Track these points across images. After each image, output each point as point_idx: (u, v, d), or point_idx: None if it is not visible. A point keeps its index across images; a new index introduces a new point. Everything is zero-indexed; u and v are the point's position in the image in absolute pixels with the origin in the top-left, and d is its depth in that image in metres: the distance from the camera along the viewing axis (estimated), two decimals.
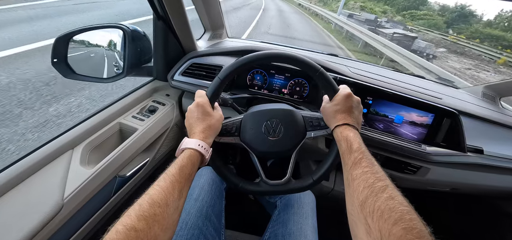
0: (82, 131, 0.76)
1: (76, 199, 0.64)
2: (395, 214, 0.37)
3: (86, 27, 0.86)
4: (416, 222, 0.36)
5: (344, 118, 0.60)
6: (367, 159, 0.50)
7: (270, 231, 0.83)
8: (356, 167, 0.49)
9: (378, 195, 0.42)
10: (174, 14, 0.88)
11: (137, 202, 0.41)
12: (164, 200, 0.42)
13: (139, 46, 0.93)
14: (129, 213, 0.38)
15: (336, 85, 0.64)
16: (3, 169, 0.60)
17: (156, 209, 0.40)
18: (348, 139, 0.55)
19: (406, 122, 0.93)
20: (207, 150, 0.57)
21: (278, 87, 1.07)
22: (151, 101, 1.02)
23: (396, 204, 0.39)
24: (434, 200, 1.54)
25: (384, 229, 0.37)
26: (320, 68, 0.63)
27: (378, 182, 0.44)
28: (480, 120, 0.99)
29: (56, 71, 0.83)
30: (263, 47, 1.29)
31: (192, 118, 0.61)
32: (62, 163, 0.67)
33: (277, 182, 0.67)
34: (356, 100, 0.63)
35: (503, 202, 1.26)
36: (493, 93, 1.25)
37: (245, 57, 0.63)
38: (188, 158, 0.52)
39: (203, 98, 0.62)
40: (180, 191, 0.47)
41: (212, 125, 0.61)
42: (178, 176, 0.47)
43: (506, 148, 0.95)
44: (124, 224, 0.36)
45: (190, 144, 0.54)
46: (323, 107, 0.67)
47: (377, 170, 0.47)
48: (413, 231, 0.35)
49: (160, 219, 0.40)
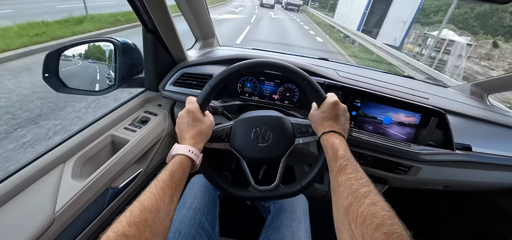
0: (74, 144, 0.76)
1: (67, 212, 0.64)
2: (376, 219, 0.39)
3: (77, 41, 0.88)
4: (397, 226, 0.37)
5: (330, 125, 0.61)
6: (352, 165, 0.51)
7: (263, 236, 0.84)
8: (341, 174, 0.51)
9: (361, 201, 0.43)
10: (163, 26, 0.89)
11: (128, 209, 0.41)
12: (154, 206, 0.43)
13: (130, 58, 0.94)
14: (120, 220, 0.39)
15: (324, 93, 0.66)
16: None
17: (147, 214, 0.41)
18: (334, 146, 0.56)
19: (394, 122, 0.94)
20: (198, 155, 0.58)
21: (269, 94, 1.09)
22: (143, 112, 1.02)
23: (378, 209, 0.40)
24: (429, 198, 1.55)
25: (366, 234, 0.38)
26: (308, 76, 0.65)
27: (362, 188, 0.45)
28: (468, 118, 1.01)
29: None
30: (254, 54, 1.30)
31: (182, 124, 0.62)
32: (53, 177, 0.68)
33: (266, 187, 0.68)
34: (343, 108, 0.65)
35: (494, 197, 1.28)
36: (480, 90, 1.27)
37: (234, 65, 0.65)
38: (178, 163, 0.52)
39: (193, 105, 0.63)
40: (171, 197, 0.47)
41: (202, 131, 0.62)
42: (169, 181, 0.48)
43: (494, 145, 0.97)
44: (115, 231, 0.37)
45: (181, 150, 0.55)
46: (311, 114, 0.68)
47: (361, 176, 0.49)
48: (393, 236, 0.36)
49: (151, 225, 0.41)
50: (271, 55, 1.35)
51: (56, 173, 0.69)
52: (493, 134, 1.01)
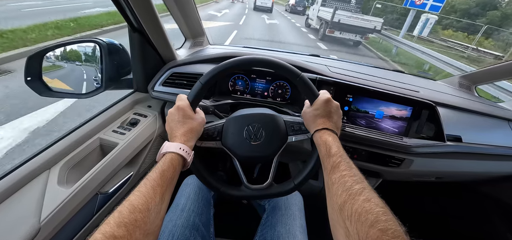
0: (60, 149, 0.73)
1: (54, 220, 0.62)
2: (371, 216, 0.38)
3: (60, 42, 0.85)
4: (392, 222, 0.37)
5: (323, 122, 0.61)
6: (345, 162, 0.51)
7: (259, 234, 0.83)
8: (334, 171, 0.50)
9: (355, 198, 0.43)
10: (149, 25, 0.87)
11: (117, 210, 0.40)
12: (145, 205, 0.42)
13: (116, 59, 0.91)
14: (108, 221, 0.38)
15: (317, 90, 0.65)
16: None
17: (137, 214, 0.40)
18: (327, 143, 0.56)
19: (386, 116, 0.95)
20: (189, 153, 0.56)
21: (261, 91, 1.08)
22: (132, 114, 1.00)
23: (373, 205, 0.40)
24: (423, 190, 1.57)
25: (361, 231, 0.38)
26: (301, 73, 0.64)
27: (356, 185, 0.45)
28: (457, 109, 1.03)
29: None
30: (245, 52, 1.29)
31: (173, 122, 0.60)
32: (38, 184, 0.65)
33: (259, 186, 0.67)
34: (336, 105, 0.65)
35: (484, 186, 1.31)
36: (468, 82, 1.30)
37: (227, 62, 0.63)
38: (169, 162, 0.51)
39: (184, 102, 0.62)
40: (162, 196, 0.46)
41: (193, 128, 0.60)
42: (159, 180, 0.47)
43: (483, 135, 0.99)
44: (103, 232, 0.35)
45: (171, 148, 0.54)
46: (303, 111, 0.68)
47: (354, 172, 0.48)
48: (388, 232, 0.36)
49: (142, 225, 0.40)
50: (263, 52, 1.34)
51: (41, 180, 0.66)
52: (481, 125, 1.03)
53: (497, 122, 1.04)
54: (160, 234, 0.71)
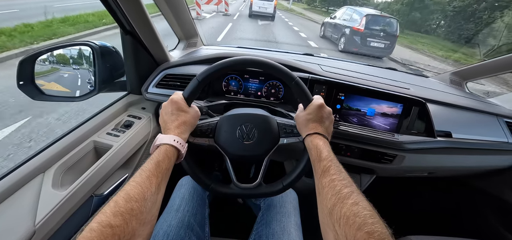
0: (54, 153, 0.73)
1: (49, 223, 0.62)
2: (359, 219, 0.40)
3: (52, 46, 0.85)
4: (378, 225, 0.39)
5: (315, 127, 0.62)
6: (335, 166, 0.53)
7: (254, 233, 0.84)
8: (324, 175, 0.52)
9: (344, 201, 0.44)
10: (141, 27, 0.87)
11: (112, 199, 0.40)
12: (141, 195, 0.42)
13: (109, 62, 0.92)
14: (104, 210, 0.38)
15: (311, 95, 0.67)
16: None
17: (133, 204, 0.40)
18: (318, 148, 0.57)
19: (378, 114, 0.96)
20: (183, 145, 0.57)
21: (254, 91, 1.09)
22: (127, 116, 1.00)
23: (360, 209, 0.42)
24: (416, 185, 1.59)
25: (349, 234, 0.39)
26: (296, 77, 0.65)
27: (344, 189, 0.46)
28: (447, 106, 1.04)
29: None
30: (239, 52, 1.30)
31: (166, 115, 0.61)
32: (32, 188, 0.65)
33: (248, 185, 0.68)
34: (328, 111, 0.66)
35: (474, 180, 1.33)
36: (459, 79, 1.32)
37: (223, 61, 0.64)
38: (164, 153, 0.52)
39: (178, 95, 0.62)
40: (158, 186, 0.47)
41: (187, 120, 0.61)
42: (154, 171, 0.47)
43: (472, 130, 1.01)
44: (99, 222, 0.36)
45: (165, 139, 0.54)
46: (297, 115, 0.69)
47: (344, 177, 0.50)
48: (375, 234, 0.37)
49: (138, 214, 0.40)
50: (257, 52, 1.35)
51: (35, 183, 0.67)
52: (471, 120, 1.05)
53: (486, 117, 1.06)
54: (155, 235, 0.71)
